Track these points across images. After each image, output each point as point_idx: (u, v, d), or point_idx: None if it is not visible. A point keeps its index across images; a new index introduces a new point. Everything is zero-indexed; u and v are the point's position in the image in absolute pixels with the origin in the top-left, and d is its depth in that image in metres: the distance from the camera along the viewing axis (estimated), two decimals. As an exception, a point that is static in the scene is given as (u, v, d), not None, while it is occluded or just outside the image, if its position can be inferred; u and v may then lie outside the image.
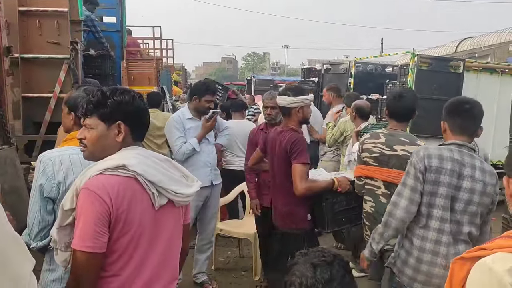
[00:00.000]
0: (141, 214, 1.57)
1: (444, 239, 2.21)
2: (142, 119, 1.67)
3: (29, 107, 4.60)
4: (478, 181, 2.21)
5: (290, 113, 3.11)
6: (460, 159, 2.22)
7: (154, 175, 1.58)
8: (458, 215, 2.22)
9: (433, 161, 2.22)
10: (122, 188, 1.52)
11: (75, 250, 1.50)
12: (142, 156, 1.60)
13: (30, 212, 1.95)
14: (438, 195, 2.22)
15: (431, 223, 2.23)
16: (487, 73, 7.22)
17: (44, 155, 1.98)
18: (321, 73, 9.27)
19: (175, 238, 1.73)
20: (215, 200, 4.14)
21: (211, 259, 4.49)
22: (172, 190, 1.62)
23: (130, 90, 1.69)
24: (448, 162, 2.21)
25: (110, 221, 1.50)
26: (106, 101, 1.58)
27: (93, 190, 1.49)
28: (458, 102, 2.38)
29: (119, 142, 1.61)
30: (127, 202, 1.53)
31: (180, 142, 3.79)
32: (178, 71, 20.09)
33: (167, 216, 1.67)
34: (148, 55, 11.96)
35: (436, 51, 21.43)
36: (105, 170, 1.53)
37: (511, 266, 1.07)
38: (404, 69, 7.07)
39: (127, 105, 1.60)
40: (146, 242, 1.60)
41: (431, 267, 2.22)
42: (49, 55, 4.54)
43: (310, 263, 1.28)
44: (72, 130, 2.13)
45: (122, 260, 1.56)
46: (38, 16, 4.50)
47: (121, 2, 6.95)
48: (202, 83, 4.04)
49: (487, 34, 20.76)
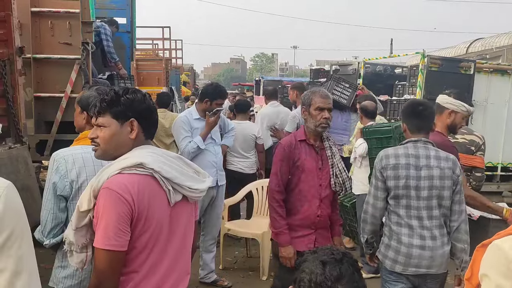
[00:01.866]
0: (159, 211, 1.60)
1: (414, 223, 2.54)
2: (153, 117, 1.70)
3: (41, 107, 4.67)
4: (434, 167, 2.54)
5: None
6: (415, 153, 2.57)
7: (169, 172, 1.60)
8: (426, 200, 2.54)
9: (390, 160, 2.58)
10: (141, 186, 1.55)
11: (98, 249, 1.51)
12: (155, 154, 1.62)
13: (43, 210, 1.98)
14: (400, 187, 2.55)
15: (401, 212, 2.57)
16: (498, 74, 7.15)
17: (58, 154, 2.01)
18: (330, 74, 9.26)
19: (188, 233, 1.76)
20: (221, 201, 4.17)
21: (218, 258, 4.51)
22: (187, 186, 1.65)
23: (139, 90, 1.72)
24: (403, 158, 2.56)
25: (132, 219, 1.53)
26: (120, 99, 1.61)
27: (115, 189, 1.51)
28: (413, 105, 2.73)
29: (132, 140, 1.63)
30: (147, 200, 1.56)
31: (186, 142, 3.82)
32: (187, 72, 20.19)
33: (182, 212, 1.70)
34: (157, 56, 12.05)
35: (447, 52, 21.26)
36: (123, 169, 1.55)
37: None
38: (413, 70, 7.04)
39: (139, 103, 1.63)
40: (164, 238, 1.63)
41: (409, 248, 2.52)
42: (60, 55, 4.60)
43: (319, 260, 1.29)
44: (84, 129, 2.17)
45: (142, 256, 1.59)
46: (50, 17, 4.57)
47: (131, 3, 7.02)
48: (214, 86, 4.05)
49: (498, 35, 20.53)
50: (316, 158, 2.87)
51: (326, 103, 2.81)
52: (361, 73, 8.34)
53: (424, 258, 2.49)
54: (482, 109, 6.95)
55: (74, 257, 1.67)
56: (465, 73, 6.87)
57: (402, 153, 2.58)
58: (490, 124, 6.98)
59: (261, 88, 15.99)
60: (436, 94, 6.52)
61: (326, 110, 2.79)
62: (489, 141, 6.90)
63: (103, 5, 6.79)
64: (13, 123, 3.62)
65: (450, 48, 22.38)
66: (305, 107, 2.85)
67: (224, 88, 4.18)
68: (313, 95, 2.83)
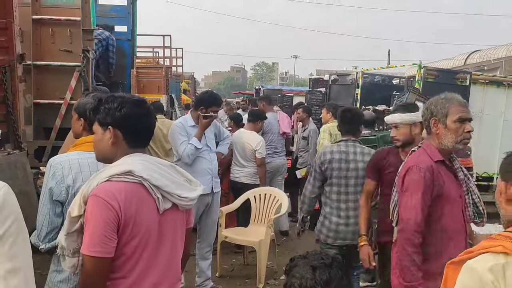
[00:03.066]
0: (147, 218, 1.62)
1: (342, 206, 3.29)
2: (134, 126, 1.67)
3: (40, 113, 4.69)
4: (359, 161, 3.28)
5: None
6: (345, 150, 3.31)
7: (159, 180, 1.63)
8: (353, 187, 3.28)
9: (327, 156, 3.30)
10: (129, 193, 1.57)
11: (85, 255, 1.55)
12: (146, 162, 1.65)
13: (39, 215, 2.01)
14: (333, 177, 3.28)
15: (333, 196, 3.31)
16: (494, 86, 7.22)
17: (54, 159, 2.04)
18: (329, 84, 9.33)
19: (179, 240, 1.78)
20: (216, 207, 4.20)
21: (215, 266, 4.52)
22: (177, 194, 1.68)
23: (125, 97, 1.70)
24: (336, 154, 3.29)
25: (118, 226, 1.55)
26: (99, 107, 1.68)
27: (101, 196, 1.54)
28: (343, 112, 3.46)
29: (112, 147, 1.67)
30: (134, 207, 1.58)
31: (184, 146, 3.87)
32: (187, 80, 20.27)
33: (172, 219, 1.72)
34: (158, 64, 12.11)
35: (445, 63, 21.37)
36: (111, 176, 1.58)
37: (491, 264, 1.16)
38: (411, 80, 7.11)
39: (115, 111, 1.65)
40: (153, 245, 1.65)
41: (337, 226, 3.27)
42: (61, 62, 4.63)
43: (309, 265, 1.32)
44: (81, 135, 2.19)
45: (130, 262, 1.61)
46: (51, 24, 4.61)
47: (132, 12, 7.09)
48: (209, 94, 4.13)
49: (496, 47, 20.64)
50: (456, 183, 2.33)
51: (468, 112, 2.28)
52: (359, 83, 8.40)
53: (348, 233, 3.26)
54: (478, 120, 7.01)
55: (67, 261, 1.69)
56: (461, 84, 6.96)
57: (336, 150, 3.32)
58: (486, 134, 7.04)
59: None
60: (433, 105, 6.64)
61: (467, 122, 2.25)
62: (485, 152, 6.97)
63: (104, 13, 6.85)
64: (12, 129, 3.65)
65: (448, 59, 22.49)
66: (438, 118, 2.25)
67: (219, 96, 4.25)
68: (449, 103, 2.25)
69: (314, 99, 9.81)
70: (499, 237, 1.23)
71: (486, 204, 6.87)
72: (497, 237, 1.23)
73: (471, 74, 7.15)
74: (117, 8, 7.12)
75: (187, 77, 20.69)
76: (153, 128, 1.78)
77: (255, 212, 4.98)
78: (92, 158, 1.97)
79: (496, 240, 1.22)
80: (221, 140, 4.40)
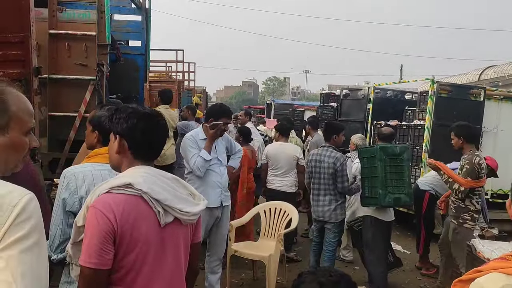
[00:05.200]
0: (147, 232, 1.61)
1: (315, 192, 4.75)
2: (139, 138, 1.68)
3: (55, 126, 4.77)
4: (327, 162, 4.62)
5: None
6: (321, 153, 4.74)
7: (160, 193, 1.62)
8: (323, 179, 4.67)
9: (309, 157, 4.88)
10: (127, 206, 1.57)
11: (82, 266, 1.55)
12: (149, 175, 1.65)
13: (52, 225, 2.02)
14: (312, 172, 4.77)
15: (314, 186, 4.76)
16: (509, 101, 7.14)
17: (68, 171, 2.07)
18: (340, 99, 9.32)
19: (182, 254, 1.76)
20: (226, 221, 4.15)
21: (225, 280, 4.48)
22: (178, 208, 1.66)
23: (136, 109, 1.71)
24: (315, 156, 4.78)
25: (115, 238, 1.55)
26: (111, 117, 1.72)
27: (99, 208, 1.55)
28: (325, 125, 5.08)
29: (118, 155, 1.70)
30: (132, 220, 1.57)
31: (195, 159, 3.87)
32: (199, 94, 20.42)
33: (174, 233, 1.70)
34: (170, 78, 12.25)
35: (458, 79, 21.24)
36: (112, 188, 1.59)
37: (502, 285, 1.17)
38: (423, 96, 7.06)
39: (123, 121, 1.68)
40: (154, 258, 1.63)
41: (314, 207, 4.78)
42: (76, 76, 4.72)
43: (317, 281, 1.30)
44: (95, 147, 2.21)
45: (130, 276, 1.60)
46: (67, 39, 4.72)
47: (146, 27, 7.21)
48: (218, 106, 4.17)
49: (511, 63, 20.49)
50: None
51: None
52: (371, 98, 8.37)
53: (318, 211, 4.71)
54: (492, 136, 6.92)
55: (74, 270, 1.71)
56: (475, 100, 6.87)
57: (315, 153, 4.82)
58: (500, 151, 6.93)
59: (272, 111, 16.10)
60: (446, 120, 6.66)
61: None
62: (500, 168, 6.85)
63: (119, 28, 6.99)
64: (28, 141, 3.69)
65: (462, 75, 22.35)
66: None
67: (228, 108, 4.25)
68: None
69: (326, 113, 9.81)
70: (511, 258, 1.22)
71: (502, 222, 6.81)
72: (509, 258, 1.23)
73: (485, 89, 7.08)
74: (132, 23, 7.25)
75: (199, 91, 20.85)
76: (161, 144, 1.77)
77: (265, 226, 4.96)
78: (105, 169, 1.99)
79: (508, 262, 1.22)
80: (233, 154, 4.40)
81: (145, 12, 7.05)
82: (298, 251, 6.01)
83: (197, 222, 1.84)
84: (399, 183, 4.29)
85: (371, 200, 4.44)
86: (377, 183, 4.27)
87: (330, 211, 4.58)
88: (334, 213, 4.58)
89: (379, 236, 4.52)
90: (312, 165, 4.72)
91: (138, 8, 7.04)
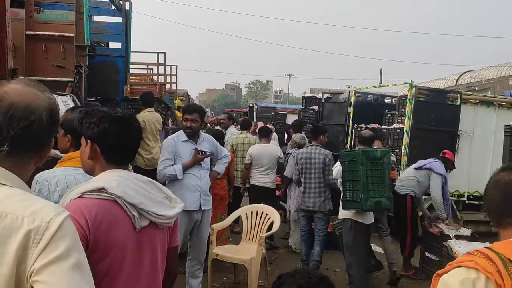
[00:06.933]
0: (122, 237, 1.58)
1: (306, 185, 5.30)
2: (112, 142, 1.65)
3: (31, 128, 4.66)
4: (316, 158, 5.25)
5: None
6: (310, 151, 5.35)
7: (134, 197, 1.59)
8: (313, 174, 5.26)
9: (300, 155, 5.41)
10: (101, 211, 1.53)
11: None
12: (122, 178, 1.62)
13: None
14: (303, 169, 5.33)
15: (305, 180, 5.32)
16: (484, 105, 7.30)
17: (40, 176, 2.01)
18: (321, 102, 9.39)
19: (159, 258, 1.73)
20: (206, 225, 4.13)
21: (206, 284, 4.45)
22: (153, 211, 1.63)
23: (107, 112, 1.68)
24: (305, 153, 5.36)
25: (87, 244, 1.51)
26: (82, 121, 1.69)
27: (69, 213, 1.52)
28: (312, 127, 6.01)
29: (90, 160, 1.67)
30: (106, 225, 1.54)
31: (165, 165, 3.90)
32: (181, 97, 20.29)
33: (150, 237, 1.68)
34: (152, 81, 12.14)
35: (437, 83, 21.64)
36: (84, 193, 1.56)
37: (463, 278, 1.25)
38: (402, 100, 7.17)
39: (94, 126, 1.65)
40: (131, 263, 1.61)
41: (303, 199, 5.33)
42: (53, 78, 4.62)
43: (296, 284, 1.30)
44: (68, 151, 2.16)
45: (106, 281, 1.56)
46: (45, 40, 4.61)
47: (126, 29, 7.13)
48: (187, 105, 4.43)
49: (487, 68, 20.96)
50: None
51: None
52: (352, 102, 8.46)
53: (309, 202, 5.26)
54: (468, 139, 7.07)
55: None
56: (452, 104, 7.02)
57: (305, 151, 5.40)
58: (476, 154, 7.09)
59: (254, 114, 16.11)
60: (423, 123, 6.75)
61: None
62: (476, 171, 7.01)
63: (98, 29, 6.89)
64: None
65: (440, 79, 22.78)
66: None
67: (194, 106, 4.57)
68: None
69: (307, 117, 9.87)
70: (475, 253, 1.29)
71: (478, 223, 7.00)
72: (473, 253, 1.30)
73: (462, 93, 7.24)
74: (112, 25, 7.16)
75: (181, 94, 20.72)
76: (135, 147, 1.75)
77: (246, 230, 4.95)
78: (79, 174, 1.95)
79: (471, 256, 1.29)
80: (219, 159, 4.36)
81: (125, 13, 6.97)
82: (279, 254, 6.01)
83: (174, 226, 1.81)
84: (380, 186, 4.34)
85: (352, 204, 4.47)
86: (359, 187, 4.30)
87: (320, 201, 5.22)
88: (323, 204, 5.23)
89: (359, 238, 4.56)
90: (302, 162, 5.32)
91: (118, 9, 6.96)
